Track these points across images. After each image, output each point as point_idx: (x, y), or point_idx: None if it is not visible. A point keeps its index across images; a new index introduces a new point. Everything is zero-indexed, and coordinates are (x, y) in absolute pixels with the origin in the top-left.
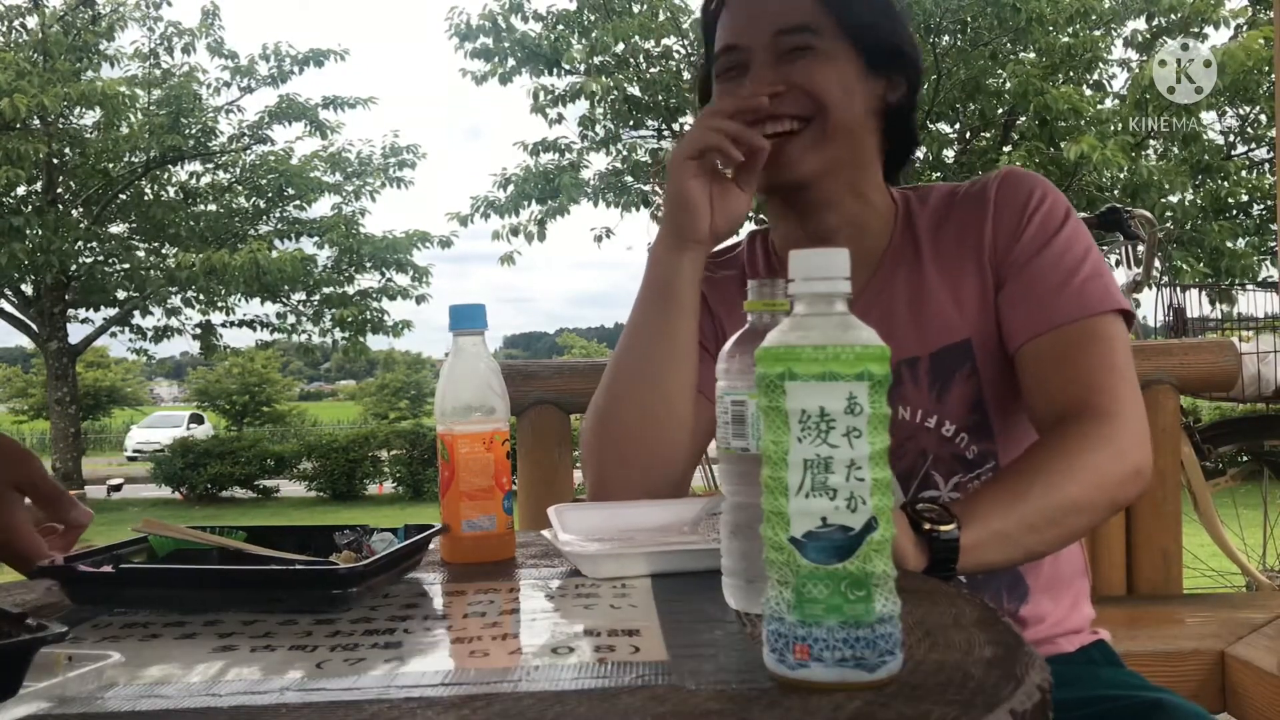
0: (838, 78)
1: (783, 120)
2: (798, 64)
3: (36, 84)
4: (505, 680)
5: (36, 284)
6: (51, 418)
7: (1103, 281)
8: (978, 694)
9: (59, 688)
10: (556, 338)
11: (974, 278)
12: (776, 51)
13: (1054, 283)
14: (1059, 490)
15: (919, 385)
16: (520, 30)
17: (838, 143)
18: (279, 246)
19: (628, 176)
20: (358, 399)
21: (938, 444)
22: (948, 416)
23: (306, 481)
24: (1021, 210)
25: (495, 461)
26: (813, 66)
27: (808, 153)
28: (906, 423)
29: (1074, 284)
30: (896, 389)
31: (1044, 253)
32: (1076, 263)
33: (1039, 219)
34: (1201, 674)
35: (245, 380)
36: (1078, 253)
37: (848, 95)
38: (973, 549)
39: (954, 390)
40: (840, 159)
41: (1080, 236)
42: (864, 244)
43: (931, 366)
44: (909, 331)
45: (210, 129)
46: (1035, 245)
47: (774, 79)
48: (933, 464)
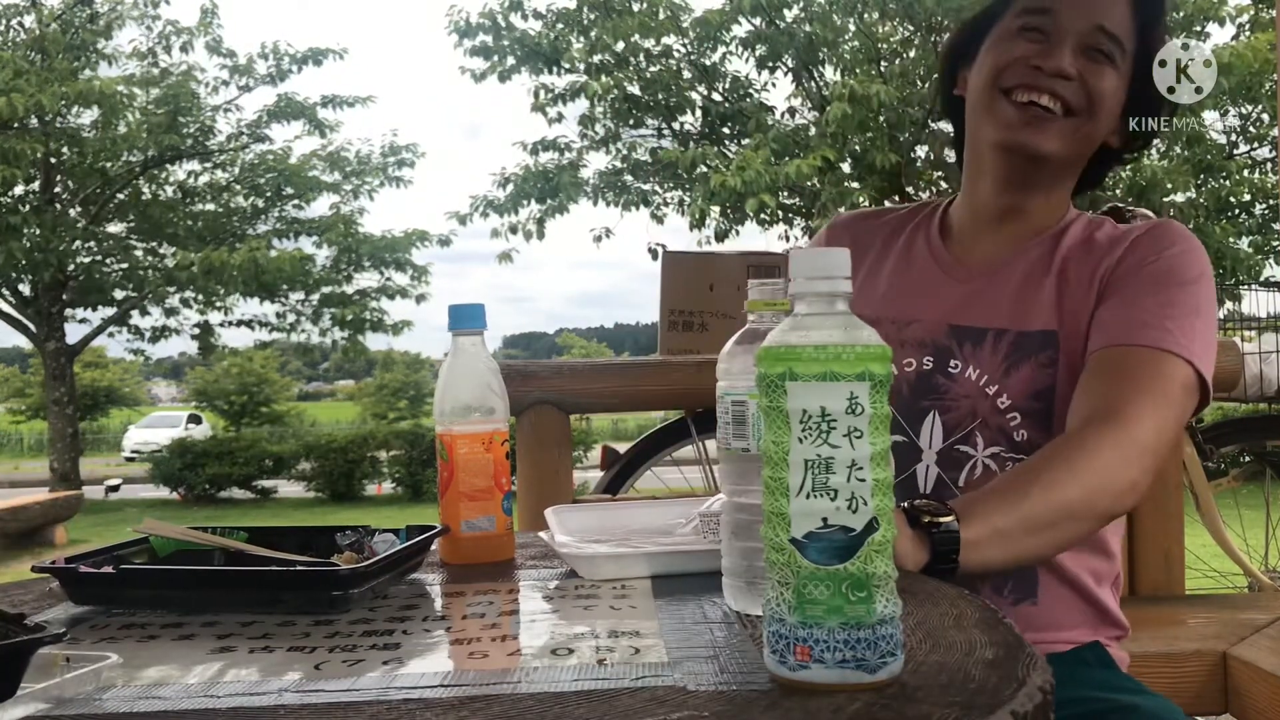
0: (1114, 95)
1: (1054, 99)
2: (1096, 65)
3: (34, 83)
4: (504, 681)
5: (34, 284)
6: (49, 418)
7: (1198, 336)
8: (979, 695)
9: (57, 689)
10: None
11: (1081, 289)
12: (1085, 43)
13: (1150, 308)
14: (1059, 492)
15: (996, 355)
16: (520, 28)
17: (1084, 145)
18: (277, 246)
19: (628, 176)
20: (356, 399)
21: (989, 411)
22: (1007, 391)
23: (305, 482)
24: (1156, 249)
25: (494, 462)
26: (1105, 74)
27: (1058, 136)
28: (971, 382)
29: (1168, 319)
30: (977, 350)
31: (1156, 287)
32: (1184, 308)
33: (1171, 261)
34: (1203, 675)
35: (243, 380)
36: (1187, 303)
37: (1111, 115)
38: (973, 545)
39: (1023, 371)
40: (1077, 157)
41: (1200, 296)
42: (1025, 231)
43: (1014, 342)
44: (1012, 306)
45: (208, 128)
46: (1151, 277)
47: (1071, 63)
48: (980, 426)
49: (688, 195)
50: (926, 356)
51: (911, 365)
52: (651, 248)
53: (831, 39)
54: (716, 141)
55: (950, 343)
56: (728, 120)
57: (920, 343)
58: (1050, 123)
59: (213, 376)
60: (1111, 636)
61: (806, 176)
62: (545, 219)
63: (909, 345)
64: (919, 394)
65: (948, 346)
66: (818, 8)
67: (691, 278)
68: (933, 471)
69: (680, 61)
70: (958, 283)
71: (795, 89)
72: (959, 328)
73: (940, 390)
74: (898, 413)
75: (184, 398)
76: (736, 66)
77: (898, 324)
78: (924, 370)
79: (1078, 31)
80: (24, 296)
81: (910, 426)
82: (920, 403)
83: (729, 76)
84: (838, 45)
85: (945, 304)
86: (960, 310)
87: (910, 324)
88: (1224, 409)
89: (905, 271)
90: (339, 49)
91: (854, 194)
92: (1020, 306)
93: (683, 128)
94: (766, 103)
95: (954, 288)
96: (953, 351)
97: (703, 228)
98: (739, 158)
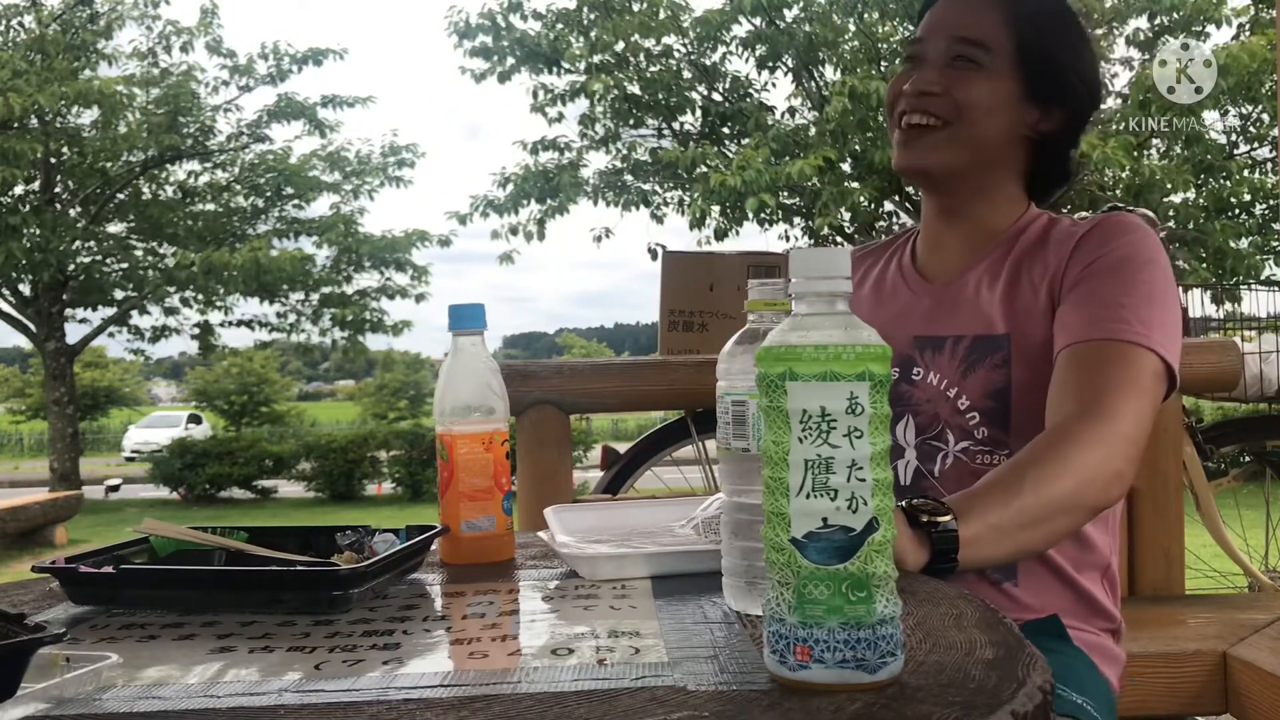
0: (988, 96)
1: (925, 115)
2: (959, 73)
3: (33, 83)
4: (505, 681)
5: (34, 284)
6: (49, 418)
7: (1156, 323)
8: (979, 695)
9: (57, 689)
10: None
11: (1030, 289)
12: (948, 56)
13: (1108, 301)
14: (1049, 486)
15: (954, 360)
16: (520, 29)
17: (966, 150)
18: (277, 246)
19: (628, 175)
20: (356, 399)
21: (950, 413)
22: (965, 392)
23: (305, 482)
24: (1103, 242)
25: (494, 462)
26: (970, 80)
27: (932, 149)
28: (932, 386)
29: (1125, 310)
30: (936, 356)
31: (1111, 276)
32: (1139, 296)
33: (1120, 251)
34: (1203, 675)
35: (244, 380)
36: (1141, 291)
37: (989, 115)
38: (970, 543)
39: (979, 373)
40: (966, 164)
41: (1156, 281)
42: (978, 237)
43: (970, 346)
44: (968, 313)
45: (208, 128)
46: (1105, 266)
47: (934, 80)
48: (946, 425)
49: (688, 195)
50: (894, 368)
51: None
52: (651, 248)
53: (831, 39)
54: (716, 141)
55: (913, 352)
56: (728, 120)
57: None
58: (923, 138)
59: (213, 376)
60: (1101, 628)
61: (807, 176)
62: (545, 219)
63: None
64: (890, 402)
65: (911, 356)
66: (818, 8)
67: (691, 278)
68: (912, 466)
69: (680, 61)
70: (922, 296)
71: (795, 89)
72: (921, 338)
73: (905, 397)
74: None
75: (184, 398)
76: (736, 66)
77: None
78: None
79: (940, 50)
80: (24, 296)
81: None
82: (892, 409)
83: (729, 76)
84: (838, 45)
85: (910, 317)
86: (923, 322)
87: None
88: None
89: (879, 293)
90: (339, 49)
91: (854, 194)
92: (974, 312)
93: (683, 128)
94: (766, 103)
95: (918, 301)
96: (915, 360)
97: (703, 227)
98: (739, 157)
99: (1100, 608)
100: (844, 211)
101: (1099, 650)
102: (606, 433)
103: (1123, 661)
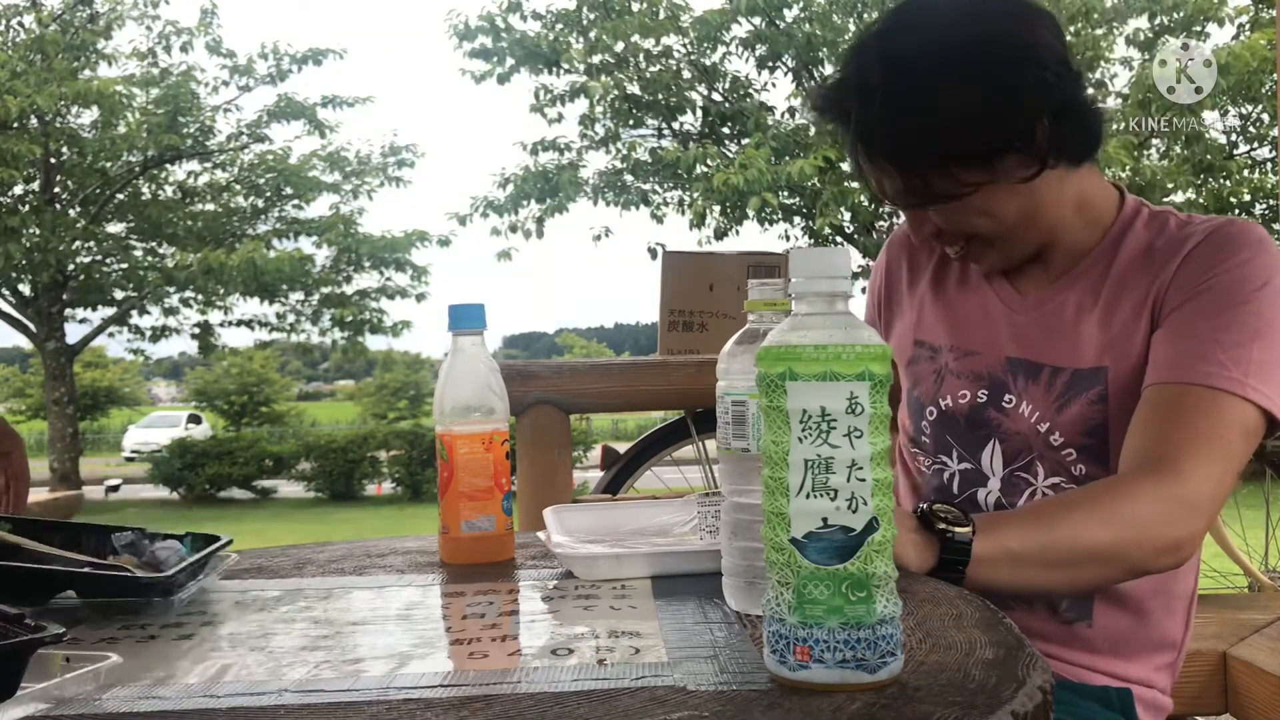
0: (981, 208)
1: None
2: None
3: (32, 83)
4: (504, 682)
5: (34, 284)
6: (49, 418)
7: (1256, 364)
8: (979, 695)
9: (56, 689)
10: (556, 337)
11: (1131, 312)
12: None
13: (1203, 337)
14: (1086, 531)
15: (1050, 392)
16: (519, 30)
17: (1031, 241)
18: (277, 246)
19: (627, 175)
20: (356, 399)
21: (1044, 447)
22: (1059, 429)
23: (305, 482)
24: (1210, 265)
25: (494, 462)
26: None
27: (985, 251)
28: (1023, 418)
29: (1220, 350)
30: (1032, 386)
31: (1213, 307)
32: (1242, 331)
33: (1228, 276)
34: (1204, 675)
35: (243, 380)
36: (1249, 325)
37: (991, 217)
38: (982, 561)
39: (1074, 409)
40: (1019, 229)
41: (1264, 312)
42: (1075, 251)
43: (1068, 381)
44: (1068, 344)
45: (208, 128)
46: (1208, 293)
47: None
48: (1038, 458)
49: (688, 195)
50: (982, 390)
51: (965, 397)
52: (651, 247)
53: (831, 39)
54: (717, 141)
55: (1007, 377)
56: (728, 120)
57: (977, 375)
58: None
59: (213, 376)
60: (1161, 664)
61: (807, 176)
62: (545, 219)
63: (965, 376)
64: (974, 425)
65: (1004, 380)
66: (818, 8)
67: (691, 278)
68: (994, 496)
69: (680, 61)
70: (1014, 313)
71: (795, 89)
72: (1015, 360)
73: (994, 424)
74: (957, 442)
75: (184, 398)
76: (736, 66)
77: (957, 352)
78: (978, 403)
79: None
80: (24, 296)
81: (970, 454)
82: (977, 433)
83: (729, 76)
84: (838, 45)
85: (1002, 336)
86: (1017, 343)
87: (969, 354)
88: None
89: (963, 298)
90: (339, 49)
91: (854, 194)
92: (1073, 342)
93: (683, 128)
94: (766, 103)
95: (1010, 318)
96: (1008, 385)
97: (703, 227)
98: (741, 156)
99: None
100: (844, 211)
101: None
102: (606, 433)
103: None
